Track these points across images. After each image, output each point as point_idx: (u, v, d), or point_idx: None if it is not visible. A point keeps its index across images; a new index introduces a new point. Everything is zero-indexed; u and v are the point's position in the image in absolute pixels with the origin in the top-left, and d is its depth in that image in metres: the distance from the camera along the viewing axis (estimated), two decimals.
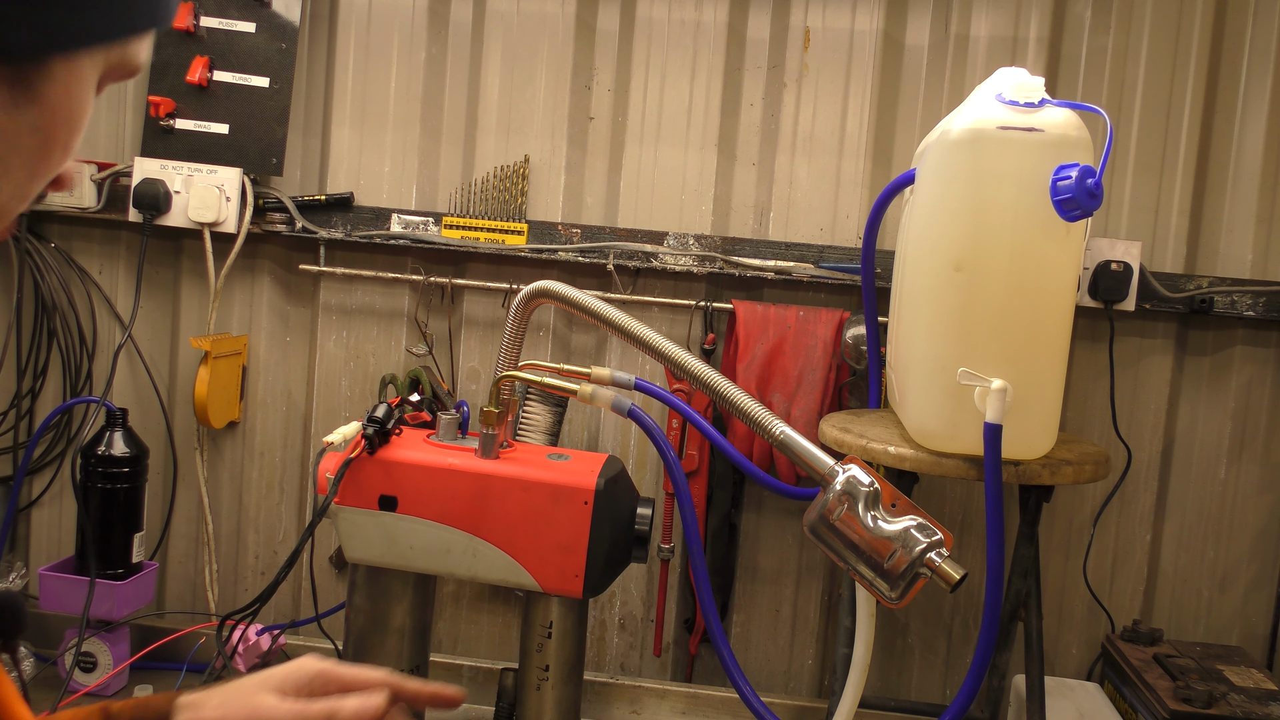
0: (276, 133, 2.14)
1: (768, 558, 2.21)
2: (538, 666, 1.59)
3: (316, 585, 2.23)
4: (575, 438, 2.24)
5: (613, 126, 2.19)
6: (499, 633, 2.29)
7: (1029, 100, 1.42)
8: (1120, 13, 2.07)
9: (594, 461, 1.60)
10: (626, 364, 2.20)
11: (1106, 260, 2.01)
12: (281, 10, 2.14)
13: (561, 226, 2.16)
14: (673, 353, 1.47)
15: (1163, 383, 2.11)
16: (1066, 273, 1.46)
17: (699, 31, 2.16)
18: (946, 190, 1.48)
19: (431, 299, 2.23)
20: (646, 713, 2.18)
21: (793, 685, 2.24)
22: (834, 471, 1.28)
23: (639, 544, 1.58)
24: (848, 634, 1.66)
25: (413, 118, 2.21)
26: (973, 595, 2.17)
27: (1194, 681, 1.79)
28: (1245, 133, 2.06)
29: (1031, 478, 1.50)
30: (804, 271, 2.10)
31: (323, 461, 1.56)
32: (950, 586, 1.20)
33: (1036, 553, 1.74)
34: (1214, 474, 2.12)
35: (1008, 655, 1.90)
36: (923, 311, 1.54)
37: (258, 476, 2.31)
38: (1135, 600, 2.15)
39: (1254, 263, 2.07)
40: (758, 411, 1.38)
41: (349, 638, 1.64)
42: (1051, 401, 1.49)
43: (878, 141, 2.13)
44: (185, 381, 2.27)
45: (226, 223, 2.13)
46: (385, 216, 2.18)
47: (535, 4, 2.18)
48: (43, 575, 2.04)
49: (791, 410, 2.04)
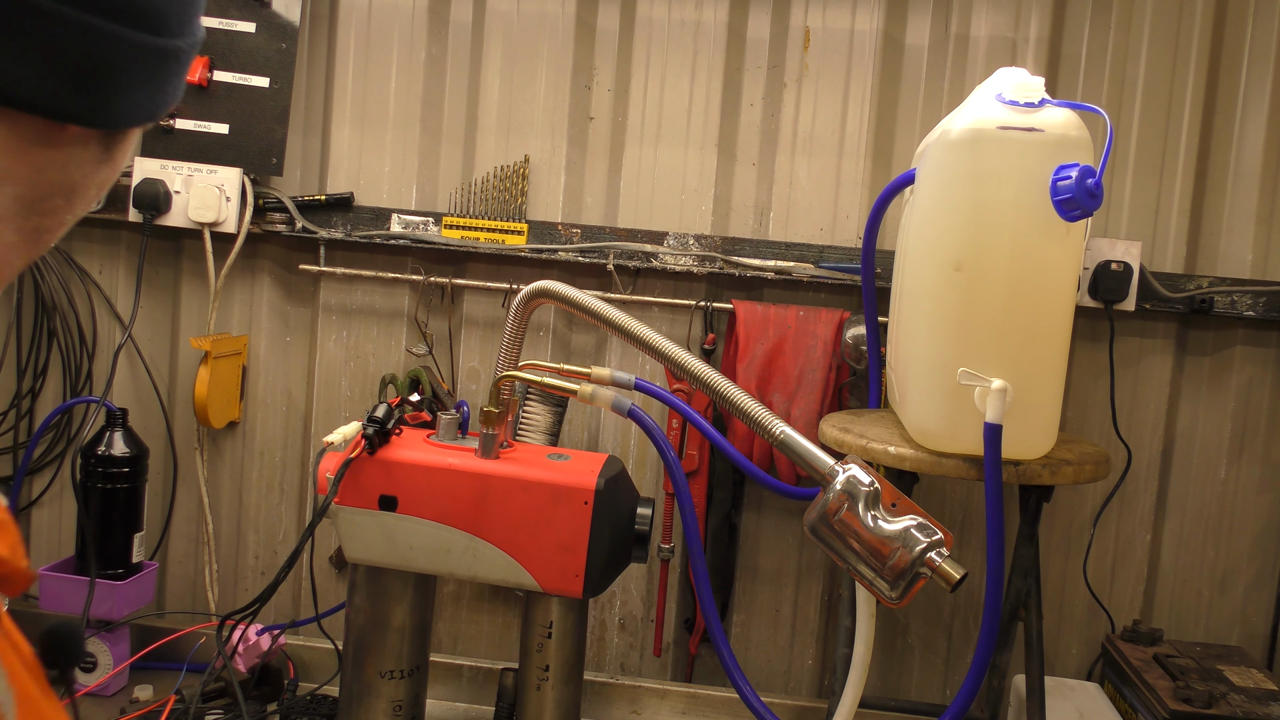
0: (276, 133, 2.14)
1: (768, 558, 2.21)
2: (538, 666, 1.59)
3: (316, 585, 2.23)
4: (575, 438, 2.24)
5: (613, 126, 2.19)
6: (499, 633, 2.29)
7: (1029, 100, 1.42)
8: (1120, 13, 2.07)
9: (594, 461, 1.60)
10: (626, 364, 2.20)
11: (1106, 260, 2.01)
12: (281, 10, 2.14)
13: (561, 226, 2.16)
14: (673, 353, 1.47)
15: (1163, 383, 2.11)
16: (1066, 273, 1.46)
17: (699, 31, 2.16)
18: (946, 190, 1.48)
19: (431, 299, 2.23)
20: (646, 713, 2.18)
21: (793, 685, 2.24)
22: (834, 471, 1.28)
23: (639, 544, 1.58)
24: (848, 634, 1.66)
25: (413, 118, 2.21)
26: (973, 595, 2.17)
27: (1194, 681, 1.79)
28: (1245, 133, 2.06)
29: (1031, 478, 1.50)
30: (804, 271, 2.10)
31: (323, 461, 1.56)
32: (950, 586, 1.20)
33: (1036, 553, 1.74)
34: (1214, 474, 2.12)
35: (1008, 655, 1.90)
36: (923, 311, 1.54)
37: (258, 476, 2.31)
38: (1135, 600, 2.15)
39: (1254, 263, 2.07)
40: (758, 411, 1.38)
41: (349, 638, 1.64)
42: (1051, 401, 1.49)
43: (878, 141, 2.13)
44: (185, 381, 2.27)
45: (226, 223, 2.13)
46: (385, 216, 2.18)
47: (535, 4, 2.18)
48: (43, 575, 2.04)
49: (791, 410, 2.04)
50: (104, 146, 0.54)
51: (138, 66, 0.52)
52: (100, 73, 0.50)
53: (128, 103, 0.52)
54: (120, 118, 0.52)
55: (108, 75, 0.50)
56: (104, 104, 0.51)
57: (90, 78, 0.49)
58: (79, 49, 0.48)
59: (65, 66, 0.48)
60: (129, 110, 0.53)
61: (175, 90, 0.56)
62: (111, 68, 0.50)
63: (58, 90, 0.48)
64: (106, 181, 0.56)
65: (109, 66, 0.50)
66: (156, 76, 0.53)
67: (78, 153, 0.53)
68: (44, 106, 0.49)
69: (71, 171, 0.53)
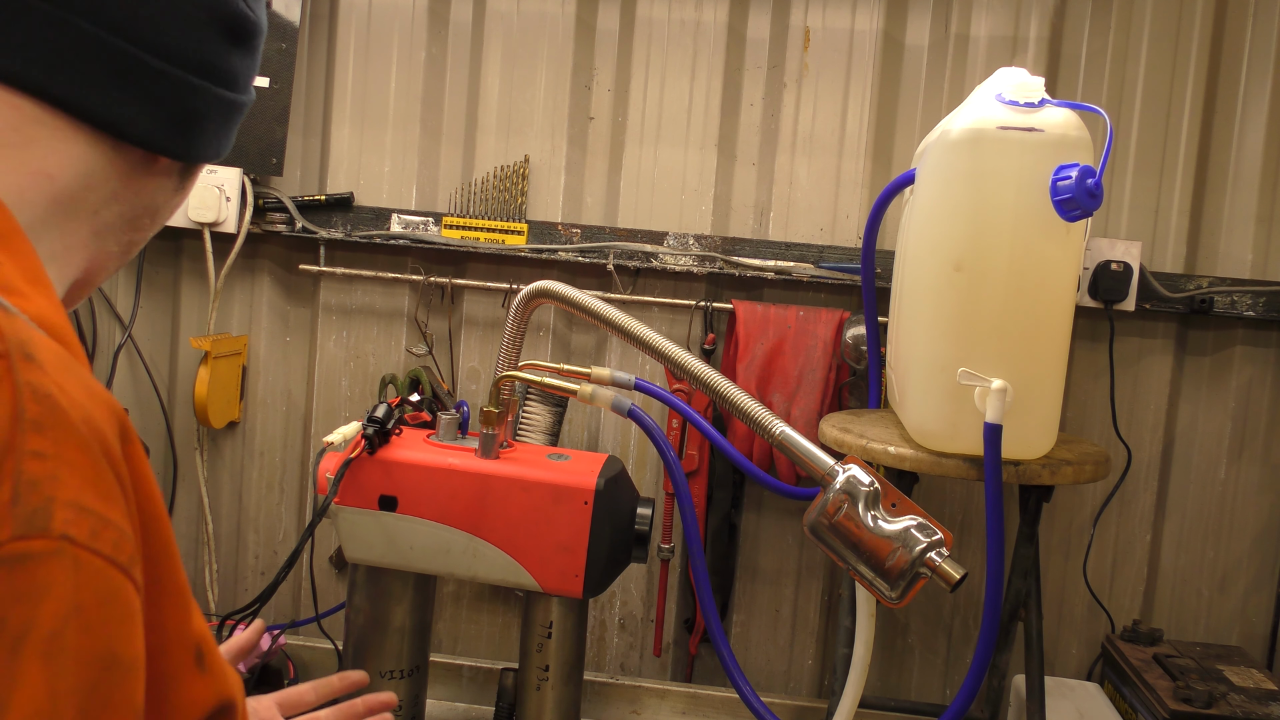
0: (276, 133, 2.14)
1: (768, 558, 2.21)
2: (538, 666, 1.59)
3: (316, 585, 2.23)
4: (575, 438, 2.24)
5: (613, 126, 2.19)
6: (499, 633, 2.29)
7: (1029, 100, 1.42)
8: (1120, 13, 2.07)
9: (594, 461, 1.60)
10: (626, 364, 2.20)
11: (1106, 260, 2.01)
12: (281, 10, 2.14)
13: (561, 226, 2.16)
14: (673, 353, 1.47)
15: (1163, 383, 2.11)
16: (1066, 273, 1.46)
17: (699, 31, 2.16)
18: (946, 190, 1.48)
19: (431, 299, 2.23)
20: (646, 713, 2.17)
21: (793, 685, 2.24)
22: (834, 471, 1.28)
23: (639, 544, 1.58)
24: (848, 634, 1.66)
25: (413, 118, 2.21)
26: (973, 595, 2.17)
27: (1194, 681, 1.79)
28: (1245, 133, 2.06)
29: (1031, 478, 1.50)
30: (804, 271, 2.10)
31: (323, 461, 1.56)
32: (950, 586, 1.20)
33: (1036, 553, 1.74)
34: (1214, 474, 2.12)
35: (1008, 655, 1.90)
36: (923, 311, 1.54)
37: (258, 476, 2.31)
38: (1135, 600, 2.15)
39: (1254, 263, 2.07)
40: (758, 411, 1.38)
41: (349, 638, 1.64)
42: (1051, 401, 1.49)
43: (878, 141, 2.13)
44: (185, 381, 2.27)
45: (226, 223, 2.13)
46: (385, 216, 2.18)
47: (535, 4, 2.18)
48: None
49: (791, 410, 2.04)
50: (181, 178, 0.67)
51: (217, 115, 0.65)
52: (192, 118, 0.63)
53: (206, 143, 0.65)
54: (200, 154, 0.65)
55: (196, 121, 0.63)
56: (191, 143, 0.64)
57: (184, 121, 0.62)
58: (179, 99, 0.61)
59: (168, 112, 0.61)
60: (206, 149, 0.66)
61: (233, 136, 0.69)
62: (200, 115, 0.63)
63: (161, 130, 0.61)
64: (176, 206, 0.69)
65: (198, 114, 0.63)
66: (227, 124, 0.67)
67: (164, 181, 0.65)
68: (150, 142, 0.61)
69: (158, 196, 0.65)
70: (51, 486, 0.43)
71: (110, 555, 0.45)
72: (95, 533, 0.45)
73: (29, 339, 0.46)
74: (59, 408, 0.45)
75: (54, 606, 0.42)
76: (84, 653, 0.43)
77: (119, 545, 0.46)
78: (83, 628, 0.43)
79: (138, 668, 0.47)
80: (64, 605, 0.43)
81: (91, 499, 0.45)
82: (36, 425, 0.44)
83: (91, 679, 0.43)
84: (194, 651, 0.54)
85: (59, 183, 0.57)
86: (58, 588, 0.42)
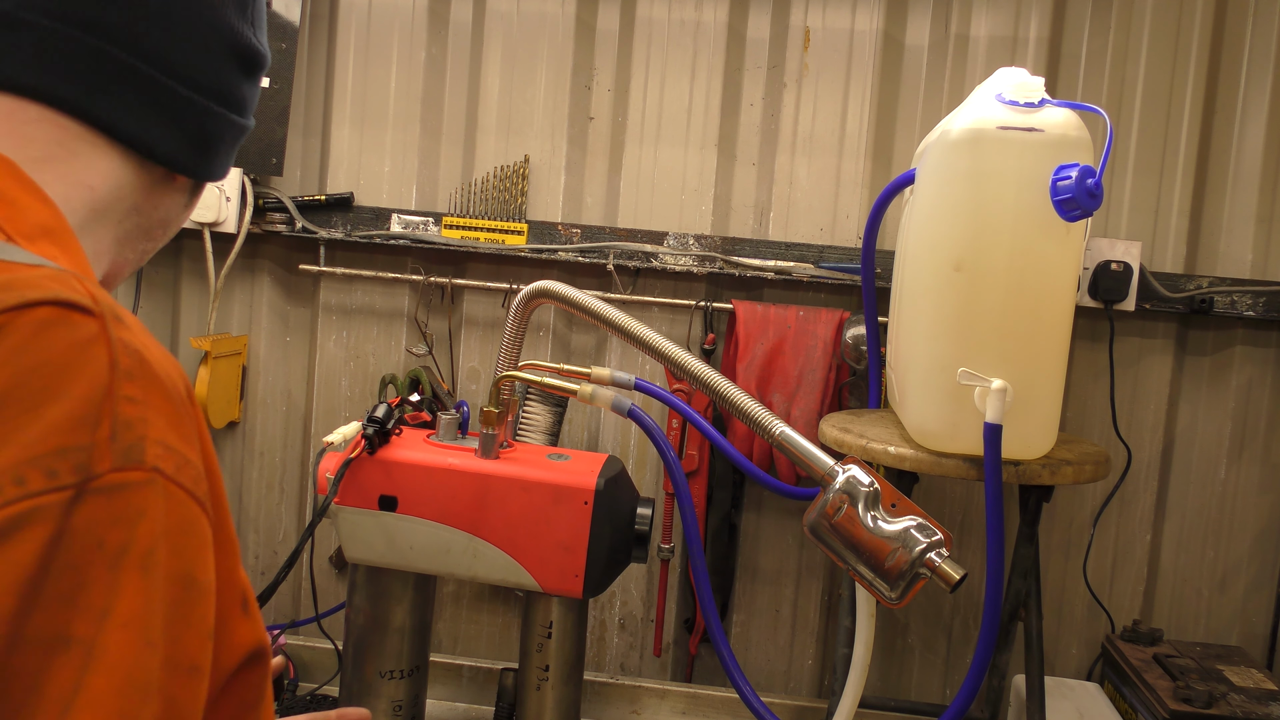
0: (276, 133, 2.14)
1: (768, 558, 2.21)
2: (538, 666, 1.59)
3: (316, 585, 2.23)
4: (575, 438, 2.24)
5: (613, 126, 2.19)
6: (499, 633, 2.29)
7: (1029, 100, 1.42)
8: (1120, 13, 2.07)
9: (594, 461, 1.60)
10: (626, 364, 2.20)
11: (1106, 260, 2.01)
12: (281, 10, 2.14)
13: (561, 226, 2.16)
14: (673, 353, 1.47)
15: (1163, 383, 2.11)
16: (1066, 273, 1.45)
17: (699, 31, 2.16)
18: (946, 190, 1.48)
19: (431, 299, 2.23)
20: (646, 713, 2.18)
21: (793, 685, 2.24)
22: (834, 471, 1.28)
23: (639, 544, 1.58)
24: (848, 634, 1.66)
25: (413, 118, 2.21)
26: (973, 595, 2.17)
27: (1194, 681, 1.79)
28: (1245, 133, 2.06)
29: (1031, 478, 1.50)
30: (804, 271, 2.10)
31: (323, 461, 1.56)
32: (950, 586, 1.20)
33: (1036, 553, 1.74)
34: (1214, 474, 2.12)
35: (1008, 655, 1.90)
36: (923, 311, 1.54)
37: (258, 476, 2.31)
38: (1135, 600, 2.15)
39: (1254, 263, 2.07)
40: (758, 411, 1.38)
41: (349, 638, 1.64)
42: (1051, 401, 1.49)
43: (878, 141, 2.13)
44: None
45: (226, 223, 2.13)
46: (385, 216, 2.18)
47: (535, 4, 2.18)
48: None
49: (791, 410, 2.04)
50: (191, 195, 0.73)
51: (229, 138, 0.72)
52: (209, 141, 0.70)
53: (218, 164, 0.72)
54: (211, 174, 0.72)
55: (212, 143, 0.70)
56: (206, 163, 0.71)
57: (202, 143, 0.69)
58: (200, 123, 0.68)
59: (189, 135, 0.68)
60: (216, 169, 0.73)
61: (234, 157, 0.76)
62: (215, 138, 0.70)
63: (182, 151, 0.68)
64: (184, 221, 0.75)
65: (214, 137, 0.70)
66: (234, 146, 0.74)
67: (178, 197, 0.71)
68: (172, 161, 0.68)
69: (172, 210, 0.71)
70: (143, 426, 0.49)
71: (191, 489, 0.51)
72: (179, 468, 0.51)
73: (116, 305, 0.53)
74: (146, 360, 0.51)
75: (148, 527, 0.48)
76: (171, 571, 0.49)
77: (197, 481, 0.52)
78: (171, 550, 0.49)
79: (211, 592, 0.52)
80: (156, 527, 0.48)
81: (175, 439, 0.51)
82: (129, 374, 0.50)
83: (176, 596, 0.49)
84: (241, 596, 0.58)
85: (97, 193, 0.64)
86: (151, 512, 0.48)
